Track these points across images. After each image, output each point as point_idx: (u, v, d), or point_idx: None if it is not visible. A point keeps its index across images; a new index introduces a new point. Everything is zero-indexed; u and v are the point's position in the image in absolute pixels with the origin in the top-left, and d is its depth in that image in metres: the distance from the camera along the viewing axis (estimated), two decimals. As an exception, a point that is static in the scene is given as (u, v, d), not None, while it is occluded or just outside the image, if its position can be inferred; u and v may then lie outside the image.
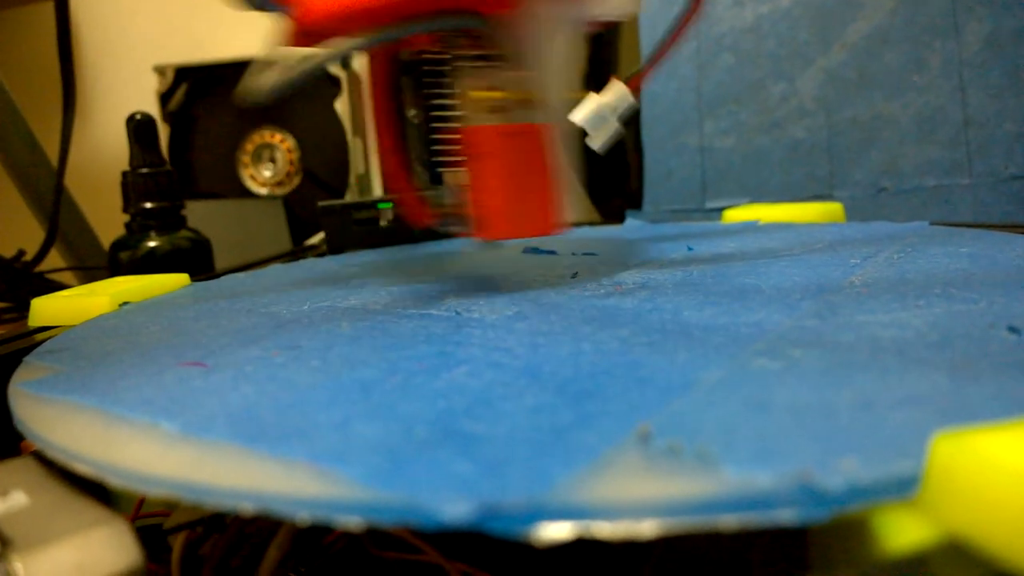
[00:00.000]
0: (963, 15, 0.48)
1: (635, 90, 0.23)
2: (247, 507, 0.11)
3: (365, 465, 0.12)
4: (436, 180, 0.29)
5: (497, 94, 0.25)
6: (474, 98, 0.25)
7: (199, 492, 0.12)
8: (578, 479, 0.11)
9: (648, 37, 0.55)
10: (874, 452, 0.11)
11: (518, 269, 0.31)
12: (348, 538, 0.19)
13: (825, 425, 0.12)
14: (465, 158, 0.26)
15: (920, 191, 0.49)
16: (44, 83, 0.64)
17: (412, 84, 0.28)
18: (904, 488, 0.11)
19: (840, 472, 0.11)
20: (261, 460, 0.13)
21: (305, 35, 0.25)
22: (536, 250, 0.36)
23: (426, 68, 0.28)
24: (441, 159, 0.28)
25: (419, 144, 0.29)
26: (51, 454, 0.15)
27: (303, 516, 0.11)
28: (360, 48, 0.24)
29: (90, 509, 0.14)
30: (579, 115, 0.23)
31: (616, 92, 0.24)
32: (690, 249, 0.32)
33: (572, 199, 0.26)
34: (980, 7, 0.48)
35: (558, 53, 0.25)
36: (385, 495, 0.11)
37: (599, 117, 0.24)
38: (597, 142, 0.24)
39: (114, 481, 0.13)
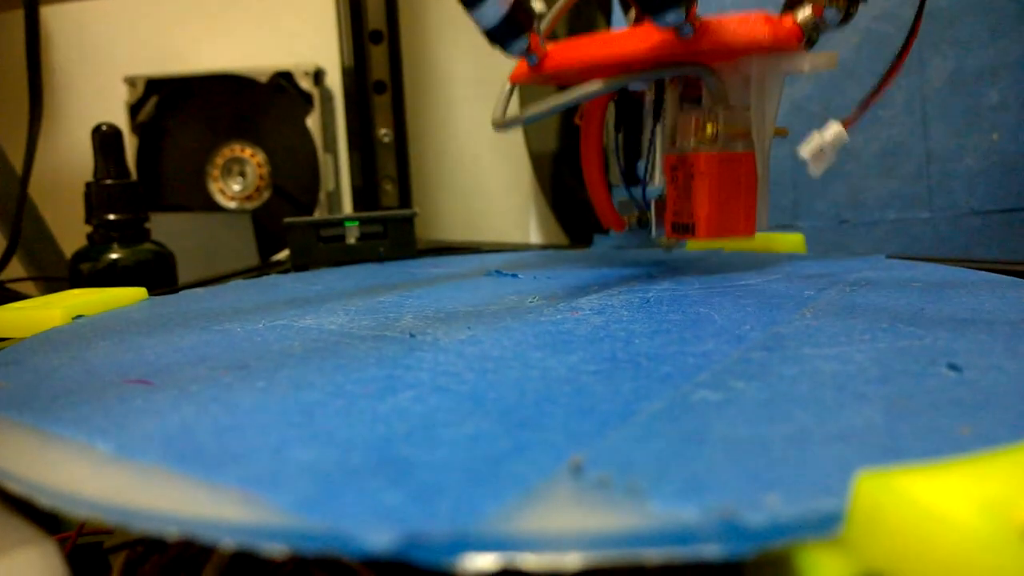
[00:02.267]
0: (928, 53, 0.49)
1: (848, 129, 0.29)
2: (172, 532, 0.11)
3: (293, 492, 0.12)
4: (633, 193, 0.36)
5: (717, 128, 0.31)
6: (698, 130, 0.31)
7: (125, 515, 0.12)
8: (506, 511, 0.11)
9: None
10: (800, 489, 0.11)
11: (478, 291, 0.31)
12: (291, 558, 0.18)
13: (756, 460, 0.12)
14: (681, 176, 0.32)
15: (881, 224, 0.49)
16: (12, 90, 0.64)
17: (621, 113, 0.36)
18: (826, 526, 0.11)
19: (763, 508, 0.11)
20: (190, 484, 0.13)
21: (546, 78, 0.33)
22: (499, 273, 0.36)
23: (636, 103, 0.35)
24: (644, 176, 0.35)
25: (620, 162, 0.36)
26: (-17, 472, 0.15)
27: (228, 542, 0.11)
28: (600, 93, 0.31)
29: (20, 529, 0.14)
30: (805, 149, 0.29)
31: (835, 131, 0.29)
32: (651, 275, 0.33)
33: (764, 213, 0.32)
34: (944, 45, 0.49)
35: (768, 96, 0.31)
36: (310, 523, 0.11)
37: (821, 151, 0.29)
38: (817, 171, 0.29)
39: (43, 501, 0.13)
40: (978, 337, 0.20)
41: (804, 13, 0.29)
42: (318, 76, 0.69)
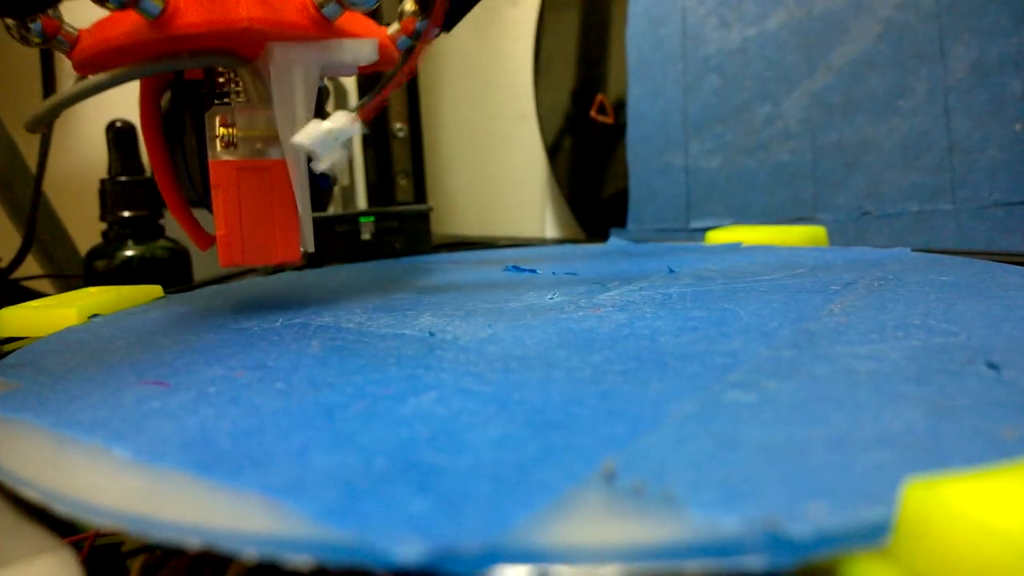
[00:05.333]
0: (949, 42, 0.48)
1: (364, 121, 0.25)
2: (194, 542, 0.11)
3: (318, 500, 0.12)
4: (207, 205, 0.30)
5: (237, 130, 0.27)
6: (217, 133, 0.27)
7: (145, 525, 0.11)
8: (538, 520, 0.11)
9: (635, 53, 0.55)
10: (844, 497, 0.11)
11: (497, 288, 0.30)
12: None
13: (795, 465, 0.12)
14: (212, 188, 0.28)
15: (903, 216, 0.49)
16: (25, 86, 0.64)
17: (188, 113, 0.31)
18: (874, 536, 0.10)
19: (808, 518, 0.10)
20: (211, 491, 0.12)
21: (83, 66, 0.28)
22: (517, 268, 0.36)
23: (196, 100, 0.30)
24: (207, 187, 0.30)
25: (185, 170, 0.31)
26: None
27: (251, 552, 0.11)
28: (120, 81, 0.27)
29: (37, 536, 0.14)
30: (304, 137, 0.24)
31: (341, 120, 0.25)
32: (671, 271, 0.32)
33: (307, 230, 0.28)
34: (966, 34, 0.48)
35: (295, 92, 0.26)
36: (336, 533, 0.11)
37: (325, 142, 0.24)
38: (323, 164, 0.25)
39: (60, 510, 0.13)
40: (1013, 334, 0.19)
41: None
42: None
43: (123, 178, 0.46)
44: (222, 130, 0.27)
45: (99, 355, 0.23)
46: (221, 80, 0.29)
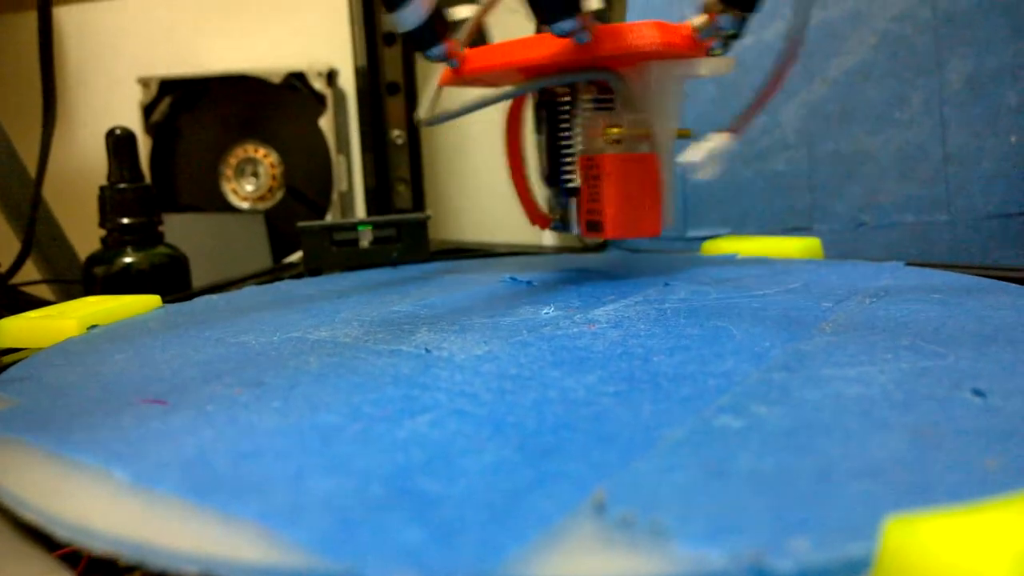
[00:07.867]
0: (945, 53, 0.48)
1: (736, 137, 0.31)
2: (191, 571, 0.11)
3: (313, 529, 0.12)
4: (555, 191, 0.38)
5: (620, 130, 0.33)
6: (604, 132, 0.33)
7: (143, 551, 0.12)
8: (529, 552, 0.11)
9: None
10: (827, 531, 0.11)
11: (494, 301, 0.31)
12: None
13: (782, 497, 0.12)
14: (591, 176, 0.34)
15: (899, 227, 0.49)
16: (25, 92, 0.64)
17: (543, 116, 0.38)
18: (854, 573, 0.10)
19: (791, 554, 0.11)
20: (209, 518, 0.13)
21: (466, 80, 0.36)
22: (514, 280, 0.36)
23: (555, 106, 0.36)
24: (562, 176, 0.36)
25: (543, 162, 0.38)
26: (-1, 498, 0.15)
27: (247, 582, 0.11)
28: (510, 97, 0.35)
29: (35, 559, 0.14)
30: (691, 156, 0.29)
31: (719, 140, 0.30)
32: (666, 284, 0.32)
33: (669, 211, 0.35)
34: (962, 46, 0.48)
35: (668, 99, 0.33)
36: (330, 564, 0.11)
37: (709, 159, 0.30)
38: (700, 175, 0.30)
39: (60, 534, 0.13)
40: (1001, 356, 0.20)
41: (699, 19, 0.31)
42: (331, 77, 0.68)
43: (122, 185, 0.47)
44: (613, 130, 0.33)
45: (99, 369, 0.23)
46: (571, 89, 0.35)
